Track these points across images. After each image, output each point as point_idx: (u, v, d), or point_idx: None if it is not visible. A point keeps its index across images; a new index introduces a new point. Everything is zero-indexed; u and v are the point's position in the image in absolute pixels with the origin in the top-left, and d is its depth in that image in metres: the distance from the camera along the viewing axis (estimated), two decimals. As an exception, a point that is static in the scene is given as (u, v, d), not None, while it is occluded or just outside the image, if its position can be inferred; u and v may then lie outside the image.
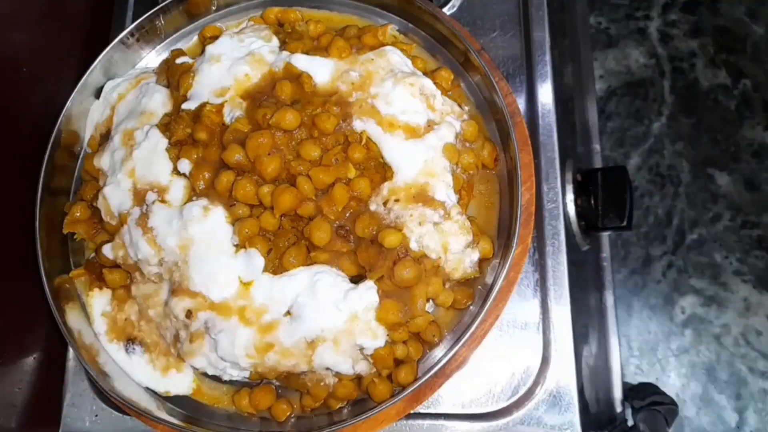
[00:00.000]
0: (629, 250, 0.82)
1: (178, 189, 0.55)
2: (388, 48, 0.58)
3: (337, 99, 0.55)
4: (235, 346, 0.51)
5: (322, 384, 0.53)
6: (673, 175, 0.84)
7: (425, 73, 0.58)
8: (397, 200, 0.53)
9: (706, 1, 0.92)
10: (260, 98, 0.56)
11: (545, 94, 0.62)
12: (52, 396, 0.60)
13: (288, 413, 0.54)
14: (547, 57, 0.64)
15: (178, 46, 0.65)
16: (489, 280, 0.55)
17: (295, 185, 0.52)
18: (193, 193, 0.54)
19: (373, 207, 0.53)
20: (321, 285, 0.51)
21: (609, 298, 0.77)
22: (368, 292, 0.51)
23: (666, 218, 0.83)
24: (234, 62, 0.57)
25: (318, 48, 0.58)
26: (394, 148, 0.54)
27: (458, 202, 0.55)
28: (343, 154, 0.54)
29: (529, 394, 0.57)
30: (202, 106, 0.56)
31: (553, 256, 0.59)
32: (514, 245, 0.53)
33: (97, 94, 0.63)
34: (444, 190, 0.54)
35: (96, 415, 0.59)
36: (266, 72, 0.57)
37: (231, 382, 0.56)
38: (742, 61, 0.89)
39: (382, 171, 0.54)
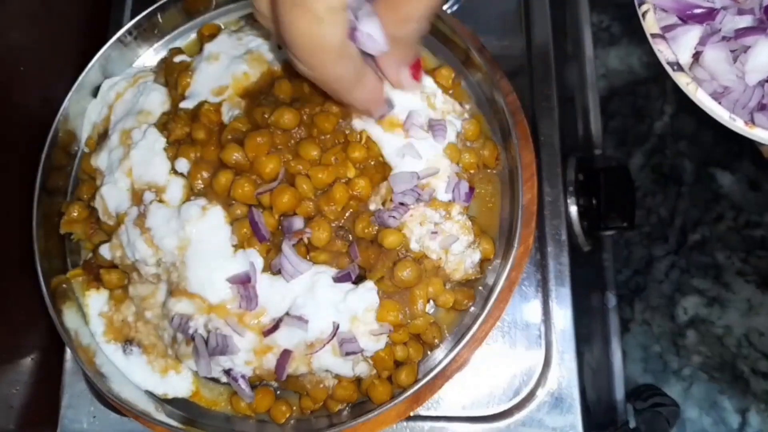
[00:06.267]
0: (631, 251, 0.81)
1: (176, 188, 0.54)
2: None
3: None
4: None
5: (321, 386, 0.53)
6: (675, 174, 0.83)
7: (425, 72, 0.58)
8: (397, 200, 0.52)
9: None
10: (259, 97, 0.55)
11: (547, 92, 0.62)
12: (49, 397, 0.60)
13: (287, 415, 0.54)
14: (549, 55, 0.64)
15: (176, 44, 0.65)
16: (490, 280, 0.54)
17: (294, 185, 0.52)
18: (191, 193, 0.54)
19: (372, 207, 0.53)
20: (320, 285, 0.51)
21: (611, 299, 0.77)
22: (368, 292, 0.51)
23: (668, 218, 0.82)
24: (232, 60, 0.57)
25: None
26: (394, 147, 0.53)
27: (459, 202, 0.54)
28: (343, 154, 0.53)
29: (531, 395, 0.56)
30: (201, 105, 0.55)
31: (555, 257, 0.58)
32: (516, 245, 0.53)
33: (95, 93, 0.62)
34: (445, 190, 0.54)
35: (94, 417, 0.59)
36: (265, 70, 0.57)
37: (229, 384, 0.56)
38: (745, 59, 0.88)
39: (382, 170, 0.54)
